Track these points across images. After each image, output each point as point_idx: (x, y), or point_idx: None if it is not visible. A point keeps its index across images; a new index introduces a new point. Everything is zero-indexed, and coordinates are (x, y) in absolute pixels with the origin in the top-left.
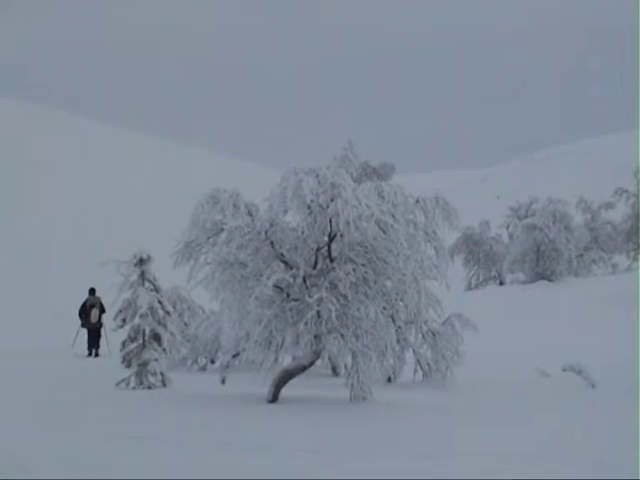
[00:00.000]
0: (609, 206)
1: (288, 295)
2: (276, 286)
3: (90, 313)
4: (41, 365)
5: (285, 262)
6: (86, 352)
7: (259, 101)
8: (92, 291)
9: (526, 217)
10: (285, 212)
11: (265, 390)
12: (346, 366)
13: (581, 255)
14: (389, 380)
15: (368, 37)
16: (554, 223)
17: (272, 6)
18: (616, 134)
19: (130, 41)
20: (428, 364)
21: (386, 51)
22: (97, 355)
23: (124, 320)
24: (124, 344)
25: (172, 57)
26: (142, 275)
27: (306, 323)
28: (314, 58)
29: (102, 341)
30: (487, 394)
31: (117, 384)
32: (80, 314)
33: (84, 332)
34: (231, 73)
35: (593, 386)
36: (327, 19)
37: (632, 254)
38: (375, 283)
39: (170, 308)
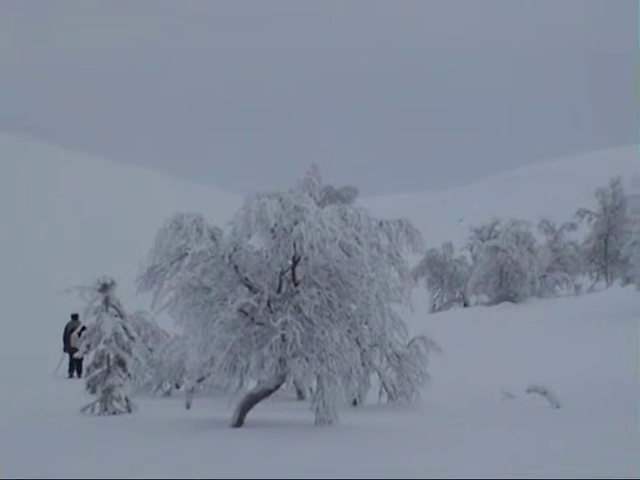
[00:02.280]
0: (572, 227)
1: (252, 319)
2: (240, 310)
3: (70, 337)
4: (14, 385)
5: (249, 286)
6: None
7: (222, 124)
8: (75, 316)
9: (489, 239)
10: (249, 236)
11: (230, 414)
12: (311, 389)
13: (544, 276)
14: (354, 403)
15: (336, 60)
16: (517, 244)
17: (244, 26)
18: (578, 155)
19: (97, 68)
20: (393, 387)
21: (352, 73)
22: (80, 377)
23: (88, 346)
24: (89, 370)
25: (133, 81)
26: (106, 301)
27: (271, 347)
28: (280, 81)
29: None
30: (451, 416)
31: (82, 410)
32: (64, 339)
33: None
34: (194, 96)
35: (558, 407)
36: (298, 42)
37: (595, 275)
38: (339, 306)
39: (134, 333)
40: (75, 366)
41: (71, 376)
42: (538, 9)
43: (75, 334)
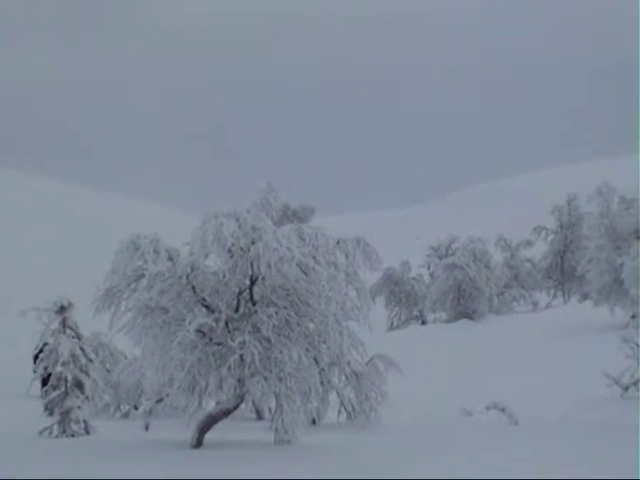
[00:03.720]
0: (528, 244)
1: (211, 339)
2: (198, 331)
3: None
4: None
5: (207, 306)
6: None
7: (177, 145)
8: None
9: (446, 256)
10: (206, 256)
11: (189, 435)
12: (270, 409)
13: (502, 293)
14: (313, 422)
15: (289, 81)
16: (474, 262)
17: (198, 49)
18: (535, 172)
19: (47, 88)
20: (352, 405)
21: (307, 93)
22: None
23: (46, 368)
24: (46, 392)
25: (84, 101)
26: (63, 322)
27: (229, 367)
28: (234, 102)
29: None
30: (410, 435)
31: (40, 432)
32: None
33: None
34: (146, 114)
35: (516, 423)
36: (247, 63)
37: (552, 291)
38: (298, 325)
39: (92, 355)
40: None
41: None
42: (499, 25)
43: None
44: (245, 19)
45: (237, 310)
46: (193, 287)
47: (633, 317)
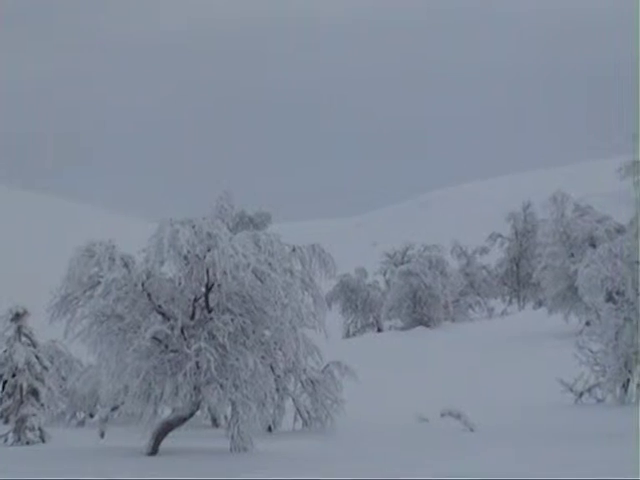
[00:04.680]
0: (484, 251)
1: (166, 347)
2: (154, 338)
3: None
4: None
5: (162, 313)
6: None
7: (133, 150)
8: None
9: (402, 263)
10: (162, 263)
11: (144, 443)
12: (226, 416)
13: (457, 300)
14: (269, 429)
15: (245, 88)
16: (430, 269)
17: (155, 53)
18: (490, 179)
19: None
20: (308, 412)
21: (263, 98)
22: None
23: (1, 376)
24: (1, 400)
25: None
26: (18, 330)
27: (185, 374)
28: (191, 107)
29: None
30: (366, 441)
31: None
32: None
33: None
34: (102, 118)
35: (472, 430)
36: (204, 67)
37: (507, 298)
38: (253, 333)
39: (47, 363)
40: None
41: None
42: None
43: None
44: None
45: (193, 317)
46: (149, 294)
47: (587, 324)
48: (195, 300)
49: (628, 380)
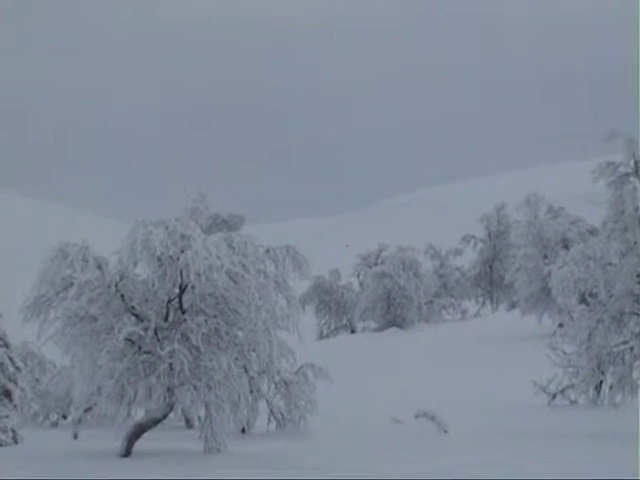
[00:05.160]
0: (457, 252)
1: (140, 348)
2: (127, 339)
3: None
4: None
5: (136, 315)
6: None
7: (106, 150)
8: None
9: (376, 265)
10: (135, 265)
11: (118, 444)
12: (199, 418)
13: (431, 302)
14: (243, 431)
15: (223, 85)
16: (404, 270)
17: (131, 52)
18: (464, 181)
19: None
20: (281, 414)
21: (241, 99)
22: None
23: None
24: None
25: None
26: None
27: (158, 376)
28: (168, 106)
29: None
30: (339, 442)
31: None
32: None
33: None
34: (74, 120)
35: (445, 431)
36: (196, 64)
37: (481, 300)
38: (227, 334)
39: (20, 364)
40: None
41: None
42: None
43: None
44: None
45: (166, 319)
46: (122, 296)
47: (560, 326)
48: (169, 301)
49: (601, 382)
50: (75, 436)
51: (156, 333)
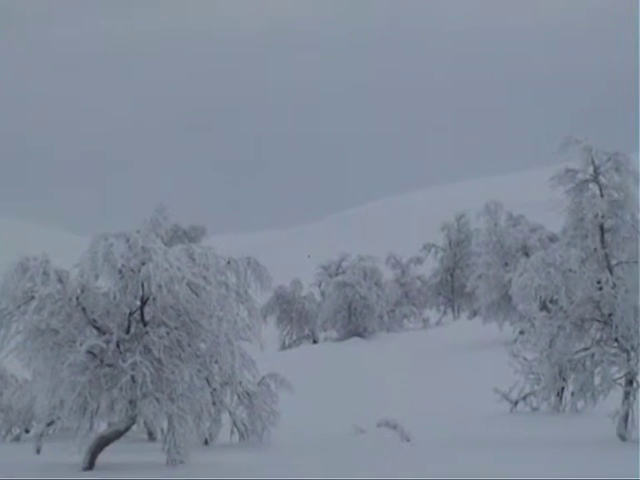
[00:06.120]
0: (418, 261)
1: (102, 361)
2: (89, 352)
3: None
4: None
5: (98, 328)
6: None
7: (65, 165)
8: None
9: (337, 275)
10: (96, 277)
11: (81, 457)
12: (162, 430)
13: (392, 311)
14: (206, 443)
15: (188, 96)
16: (365, 280)
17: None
18: (424, 189)
19: None
20: (244, 425)
21: (204, 110)
22: None
23: None
24: None
25: None
26: None
27: (121, 388)
28: (122, 119)
29: None
30: (302, 453)
31: None
32: None
33: None
34: (32, 134)
35: (408, 440)
36: (142, 76)
37: (442, 308)
38: (189, 346)
39: None
40: None
41: None
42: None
43: None
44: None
45: (128, 331)
46: (83, 308)
47: (521, 333)
48: (130, 314)
49: (562, 388)
50: (38, 450)
51: (118, 346)
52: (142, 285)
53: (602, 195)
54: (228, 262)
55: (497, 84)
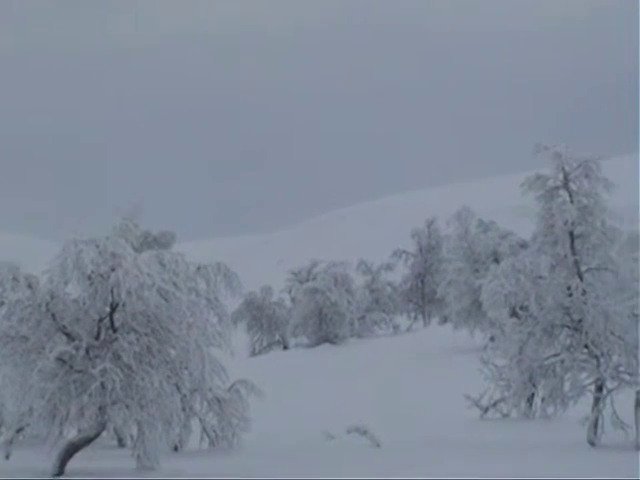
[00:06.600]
0: (389, 267)
1: (71, 367)
2: (59, 359)
3: None
4: None
5: (67, 334)
6: None
7: (29, 170)
8: None
9: (307, 281)
10: (66, 283)
11: (51, 464)
12: (132, 436)
13: (363, 317)
14: (176, 449)
15: (153, 101)
16: (336, 286)
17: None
18: (395, 195)
19: None
20: (214, 431)
21: (173, 114)
22: None
23: None
24: None
25: None
26: None
27: (90, 395)
28: (89, 123)
29: None
30: (273, 459)
31: None
32: None
33: None
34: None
35: (378, 445)
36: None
37: (413, 314)
38: (159, 352)
39: None
40: None
41: None
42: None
43: None
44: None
45: (98, 337)
46: (53, 315)
47: (492, 339)
48: (100, 320)
49: (533, 394)
50: (7, 456)
51: (87, 352)
52: (112, 291)
53: (572, 202)
54: (198, 268)
55: (472, 89)
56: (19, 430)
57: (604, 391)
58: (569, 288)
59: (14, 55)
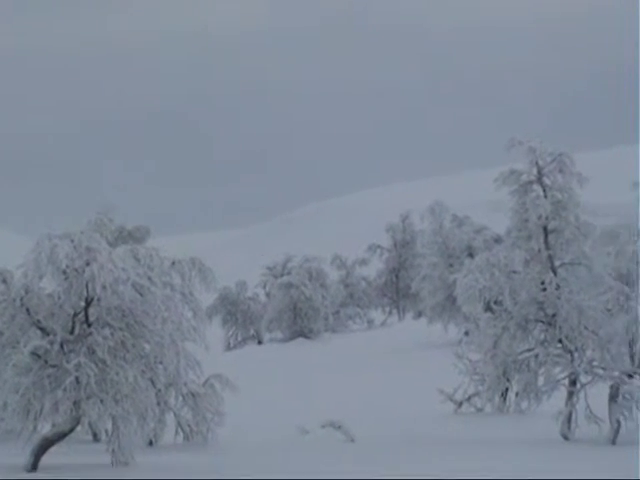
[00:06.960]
0: (363, 262)
1: (46, 362)
2: (33, 353)
3: None
4: None
5: (42, 329)
6: None
7: (7, 161)
8: None
9: (282, 276)
10: (40, 278)
11: (25, 459)
12: (107, 431)
13: (337, 312)
14: (150, 443)
15: (132, 96)
16: (310, 281)
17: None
18: (371, 189)
19: None
20: (189, 426)
21: (151, 110)
22: None
23: None
24: None
25: None
26: None
27: (65, 389)
28: (66, 119)
29: None
30: (246, 454)
31: None
32: None
33: None
34: None
35: (352, 440)
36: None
37: (387, 309)
38: (133, 347)
39: None
40: None
41: None
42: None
43: None
44: None
45: (72, 332)
46: (27, 309)
47: (466, 334)
48: (75, 315)
49: (507, 389)
50: None
51: (62, 347)
52: (86, 286)
53: (546, 196)
54: (173, 263)
55: (442, 83)
56: None
57: (578, 385)
58: (543, 283)
59: (14, 55)
